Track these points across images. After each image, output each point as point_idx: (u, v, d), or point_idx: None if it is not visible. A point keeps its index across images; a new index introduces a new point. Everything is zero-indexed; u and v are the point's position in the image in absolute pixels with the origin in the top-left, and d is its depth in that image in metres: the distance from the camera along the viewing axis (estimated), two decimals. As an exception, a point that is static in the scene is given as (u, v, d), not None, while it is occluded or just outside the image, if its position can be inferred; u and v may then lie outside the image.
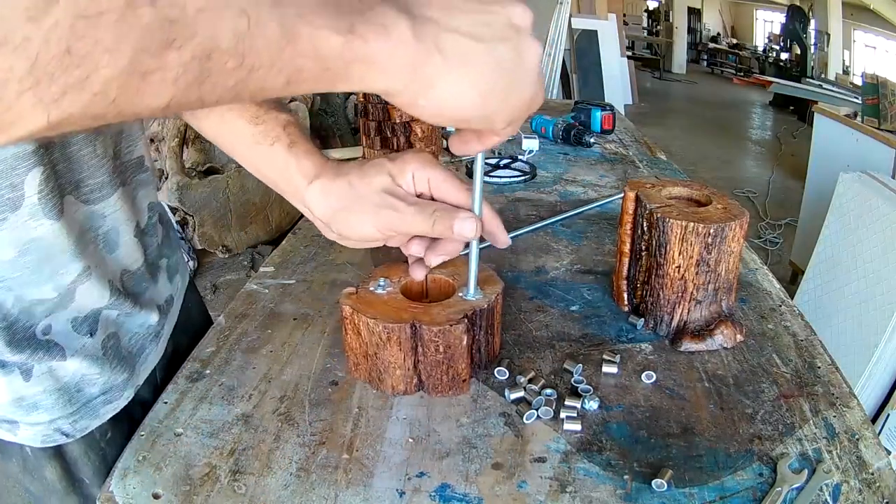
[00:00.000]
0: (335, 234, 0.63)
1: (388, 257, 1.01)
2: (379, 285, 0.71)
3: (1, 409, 0.62)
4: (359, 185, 0.60)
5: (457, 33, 0.40)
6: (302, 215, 0.69)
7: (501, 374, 0.71)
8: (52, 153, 0.56)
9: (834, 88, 5.99)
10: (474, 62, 0.41)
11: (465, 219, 0.58)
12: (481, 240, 0.63)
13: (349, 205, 0.60)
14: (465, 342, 0.66)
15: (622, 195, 0.83)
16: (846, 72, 8.01)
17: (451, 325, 0.64)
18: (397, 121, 1.23)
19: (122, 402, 0.69)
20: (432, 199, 0.62)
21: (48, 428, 0.65)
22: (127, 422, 0.70)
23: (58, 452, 0.67)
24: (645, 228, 0.79)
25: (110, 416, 0.68)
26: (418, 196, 0.62)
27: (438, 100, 0.41)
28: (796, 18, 8.49)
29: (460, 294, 0.70)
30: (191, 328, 0.85)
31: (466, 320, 0.65)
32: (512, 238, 1.03)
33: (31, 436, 0.64)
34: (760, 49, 10.53)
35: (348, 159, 1.53)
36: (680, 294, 0.77)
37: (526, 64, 0.44)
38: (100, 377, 0.66)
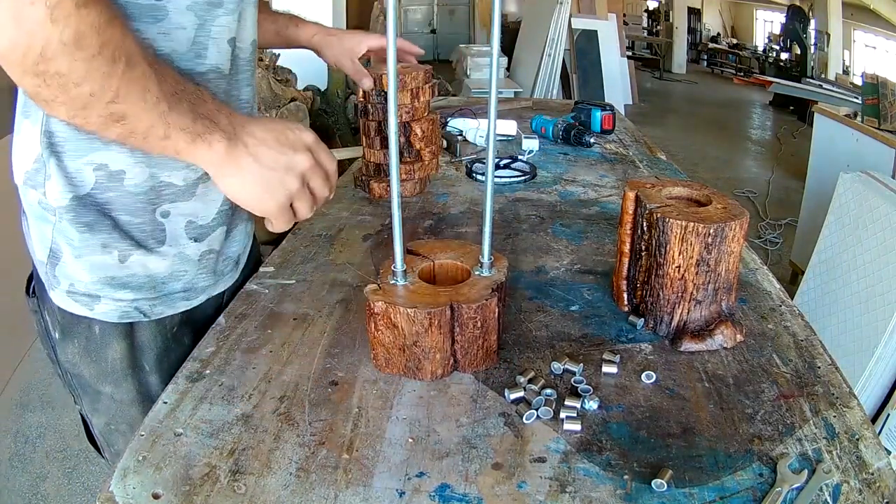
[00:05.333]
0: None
1: (387, 257, 1.01)
2: (398, 278, 0.73)
3: (86, 285, 0.73)
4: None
5: (252, 158, 0.64)
6: None
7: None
8: (215, 83, 0.72)
9: (834, 88, 5.98)
10: (253, 179, 0.65)
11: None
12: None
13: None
14: (496, 314, 0.71)
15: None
16: (846, 72, 8.00)
17: (486, 300, 0.69)
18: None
19: (196, 302, 0.83)
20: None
21: (129, 305, 0.76)
22: (191, 326, 0.84)
23: (128, 332, 0.78)
24: (645, 228, 0.79)
25: (183, 309, 0.81)
26: None
27: (226, 189, 0.66)
28: (796, 18, 8.48)
29: (477, 273, 0.74)
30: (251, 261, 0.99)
31: (494, 291, 0.70)
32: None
33: (108, 311, 0.76)
34: (760, 49, 10.51)
35: (349, 160, 1.53)
36: (680, 294, 0.77)
37: (287, 183, 0.66)
38: (186, 275, 0.79)
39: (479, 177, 1.40)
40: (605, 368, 0.72)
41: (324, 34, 1.18)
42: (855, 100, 4.18)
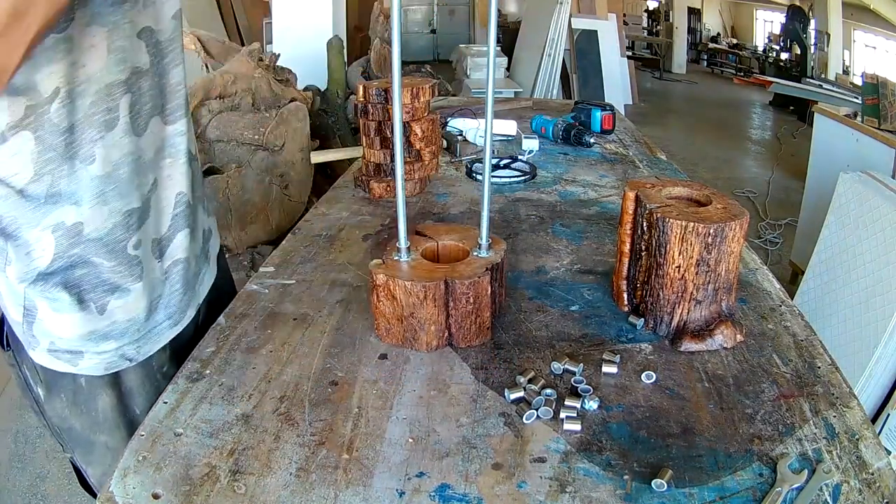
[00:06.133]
0: None
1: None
2: (401, 255, 0.78)
3: (67, 342, 0.70)
4: None
5: None
6: (302, 216, 0.74)
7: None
8: (140, 83, 0.68)
9: (834, 88, 5.98)
10: None
11: None
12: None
13: None
14: (489, 291, 0.75)
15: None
16: (846, 72, 7.99)
17: (479, 277, 0.74)
18: (397, 121, 1.23)
19: (184, 323, 0.81)
20: None
21: (114, 355, 0.74)
22: (177, 360, 0.80)
23: (114, 381, 0.76)
24: (645, 228, 0.79)
25: (171, 338, 0.79)
26: None
27: None
28: (796, 18, 8.48)
29: (475, 253, 0.80)
30: (220, 270, 0.96)
31: (490, 272, 0.76)
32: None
33: (93, 365, 0.73)
34: (760, 49, 10.51)
35: (348, 160, 1.53)
36: (680, 294, 0.77)
37: None
38: (161, 299, 0.77)
39: (478, 177, 1.40)
40: (605, 368, 0.72)
41: None
42: (855, 100, 4.18)
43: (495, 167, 1.43)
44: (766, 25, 10.88)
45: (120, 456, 0.77)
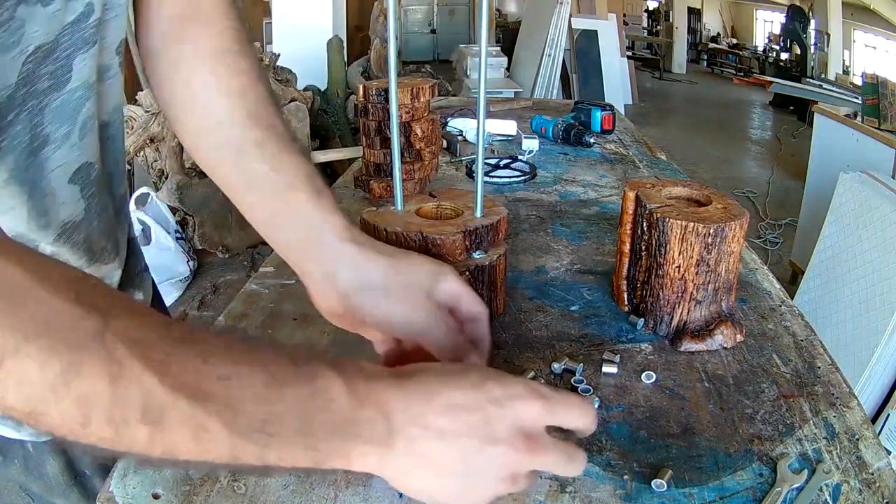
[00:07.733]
0: (346, 308, 0.61)
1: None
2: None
3: None
4: (405, 272, 0.59)
5: (422, 469, 0.44)
6: None
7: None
8: (74, 236, 0.62)
9: (834, 88, 5.98)
10: (431, 490, 0.45)
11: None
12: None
13: (389, 288, 0.59)
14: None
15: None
16: (846, 72, 8.00)
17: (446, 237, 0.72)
18: (397, 121, 1.23)
19: None
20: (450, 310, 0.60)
21: None
22: None
23: (59, 447, 0.72)
24: (645, 228, 0.79)
25: None
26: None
27: (408, 490, 0.45)
28: (796, 18, 8.49)
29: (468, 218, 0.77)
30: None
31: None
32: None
33: (34, 431, 0.67)
34: (760, 49, 10.53)
35: (348, 160, 1.52)
36: (680, 294, 0.77)
37: (485, 490, 0.45)
38: None
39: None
40: (605, 368, 0.72)
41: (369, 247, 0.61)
42: (855, 100, 4.18)
43: (495, 167, 1.43)
44: (766, 25, 10.89)
45: None
